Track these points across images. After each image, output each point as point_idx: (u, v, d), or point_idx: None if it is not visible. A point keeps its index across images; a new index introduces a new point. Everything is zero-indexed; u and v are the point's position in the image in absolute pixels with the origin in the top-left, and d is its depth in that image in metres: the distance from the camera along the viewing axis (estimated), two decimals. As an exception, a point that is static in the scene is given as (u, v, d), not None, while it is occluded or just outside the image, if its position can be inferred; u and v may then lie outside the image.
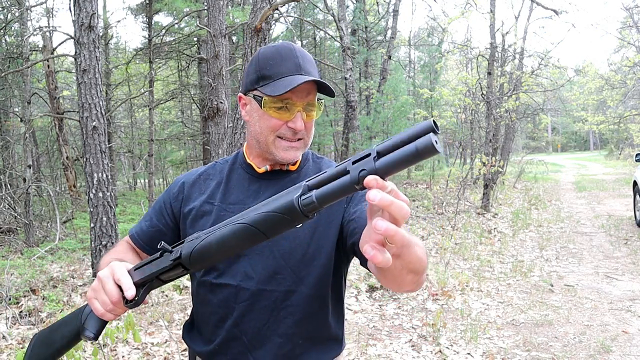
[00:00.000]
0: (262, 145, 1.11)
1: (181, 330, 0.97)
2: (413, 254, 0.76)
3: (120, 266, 0.92)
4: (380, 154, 0.62)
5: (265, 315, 1.07)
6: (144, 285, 0.90)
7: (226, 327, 1.09)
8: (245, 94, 1.13)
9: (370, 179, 0.60)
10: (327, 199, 0.66)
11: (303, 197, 0.69)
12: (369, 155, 0.63)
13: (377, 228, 0.60)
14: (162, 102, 15.68)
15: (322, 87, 1.08)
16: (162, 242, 0.90)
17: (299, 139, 1.10)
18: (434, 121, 0.60)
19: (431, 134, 0.58)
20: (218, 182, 1.18)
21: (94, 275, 4.97)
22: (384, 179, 0.61)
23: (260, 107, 1.08)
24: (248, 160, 1.18)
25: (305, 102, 1.07)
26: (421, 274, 0.84)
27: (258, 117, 1.10)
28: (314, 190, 0.68)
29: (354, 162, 0.64)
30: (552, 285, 5.00)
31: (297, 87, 1.03)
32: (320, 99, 1.12)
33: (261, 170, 1.15)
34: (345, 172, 0.65)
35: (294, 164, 1.17)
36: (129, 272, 0.92)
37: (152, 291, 4.98)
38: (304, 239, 1.07)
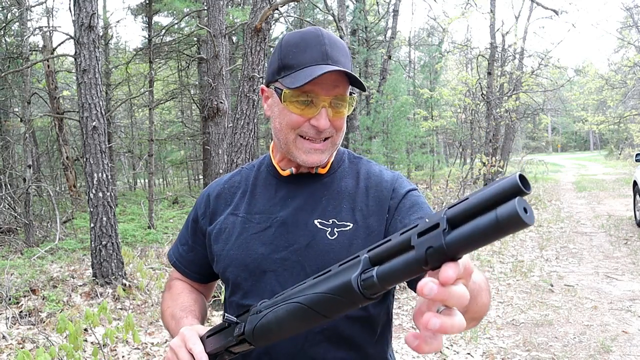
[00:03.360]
0: (283, 145, 0.99)
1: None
2: (478, 304, 0.69)
3: (191, 334, 0.85)
4: (451, 222, 0.50)
5: (299, 340, 0.93)
6: (216, 356, 0.84)
7: (254, 354, 0.96)
8: (267, 86, 1.01)
9: (447, 275, 0.48)
10: (391, 280, 0.56)
11: (364, 276, 0.59)
12: (437, 226, 0.50)
13: (430, 326, 0.49)
14: (162, 102, 15.70)
15: (354, 80, 0.93)
16: (226, 315, 0.81)
17: (325, 139, 0.96)
18: (521, 176, 0.46)
19: (517, 198, 0.45)
20: (243, 190, 1.07)
21: (94, 275, 4.98)
22: (456, 257, 0.49)
23: (281, 100, 0.95)
24: (273, 162, 1.06)
25: (332, 95, 0.92)
26: (483, 316, 0.75)
27: (278, 112, 0.97)
28: (375, 268, 0.57)
29: (419, 235, 0.52)
30: (552, 285, 5.00)
31: (322, 79, 0.90)
32: (353, 93, 0.97)
33: (285, 173, 1.03)
34: (409, 245, 0.53)
35: (324, 167, 1.03)
36: (201, 339, 0.85)
37: (152, 291, 4.93)
38: (340, 252, 0.94)
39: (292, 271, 0.95)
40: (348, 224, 0.96)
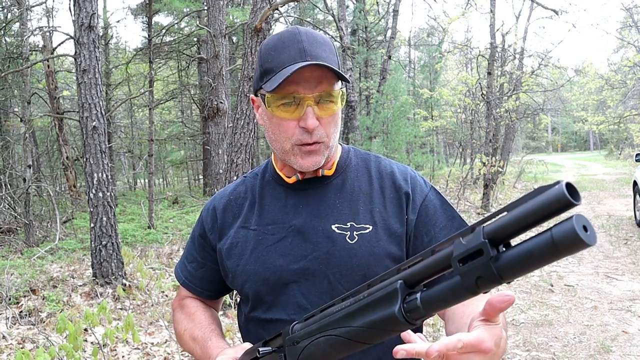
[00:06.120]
0: (280, 154, 0.96)
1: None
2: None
3: None
4: (492, 242, 0.46)
5: None
6: None
7: None
8: (255, 95, 0.97)
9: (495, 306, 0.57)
10: (437, 307, 0.55)
11: (407, 306, 0.57)
12: (480, 252, 0.47)
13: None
14: (162, 102, 15.71)
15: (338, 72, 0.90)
16: (261, 349, 0.79)
17: (316, 143, 0.91)
18: (568, 185, 0.41)
19: (575, 216, 0.40)
20: (251, 202, 1.03)
21: (94, 275, 4.97)
22: (509, 282, 0.48)
23: (266, 107, 0.92)
24: (277, 171, 1.02)
25: (317, 93, 0.88)
26: None
27: (268, 120, 0.94)
28: (419, 296, 0.56)
29: (461, 261, 0.49)
30: (552, 285, 5.00)
31: (304, 77, 0.87)
32: (341, 87, 0.93)
33: (291, 180, 0.99)
34: (447, 266, 0.52)
35: (329, 168, 1.00)
36: None
37: (152, 291, 4.93)
38: (363, 256, 0.92)
39: (315, 280, 0.92)
40: (367, 226, 0.94)
